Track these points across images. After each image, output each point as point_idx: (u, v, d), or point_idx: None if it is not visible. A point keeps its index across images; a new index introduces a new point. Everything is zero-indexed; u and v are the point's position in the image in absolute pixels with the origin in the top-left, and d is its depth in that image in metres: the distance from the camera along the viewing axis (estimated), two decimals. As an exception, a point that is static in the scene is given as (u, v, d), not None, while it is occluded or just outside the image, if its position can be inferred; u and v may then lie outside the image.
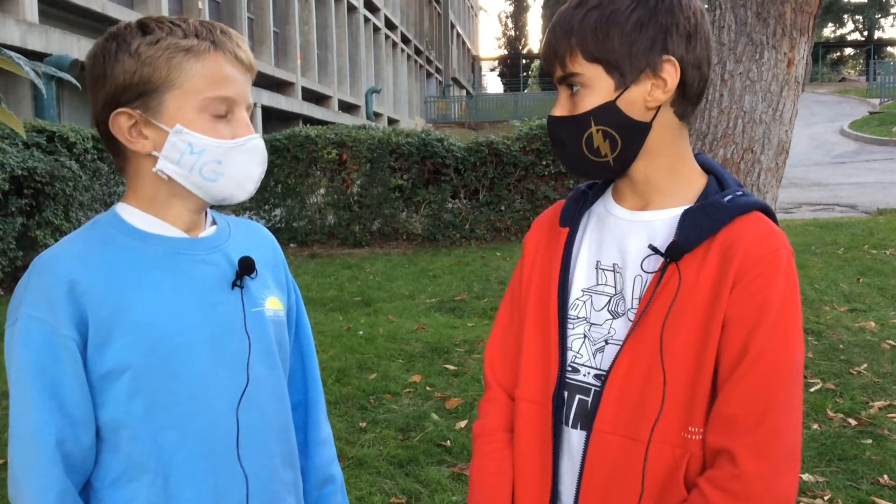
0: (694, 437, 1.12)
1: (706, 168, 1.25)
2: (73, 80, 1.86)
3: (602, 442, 1.17)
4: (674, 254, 1.13)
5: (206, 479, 1.18)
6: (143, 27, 1.16)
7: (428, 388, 4.45)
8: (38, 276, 1.14)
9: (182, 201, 1.22)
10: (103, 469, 1.17)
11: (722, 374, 1.11)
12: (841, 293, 6.25)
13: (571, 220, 1.28)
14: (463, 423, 3.88)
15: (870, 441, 3.50)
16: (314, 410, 1.45)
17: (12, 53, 1.54)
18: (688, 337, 1.12)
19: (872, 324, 5.34)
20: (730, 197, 1.16)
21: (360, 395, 4.34)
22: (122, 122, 1.17)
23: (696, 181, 1.22)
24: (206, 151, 1.16)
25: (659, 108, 1.17)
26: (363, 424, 3.92)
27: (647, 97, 1.16)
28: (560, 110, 1.21)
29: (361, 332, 5.67)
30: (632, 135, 1.17)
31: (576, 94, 1.18)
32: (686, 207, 1.18)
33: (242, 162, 1.19)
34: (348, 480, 3.28)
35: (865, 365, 4.53)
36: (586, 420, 1.20)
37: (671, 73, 1.14)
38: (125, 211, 1.22)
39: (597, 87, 1.16)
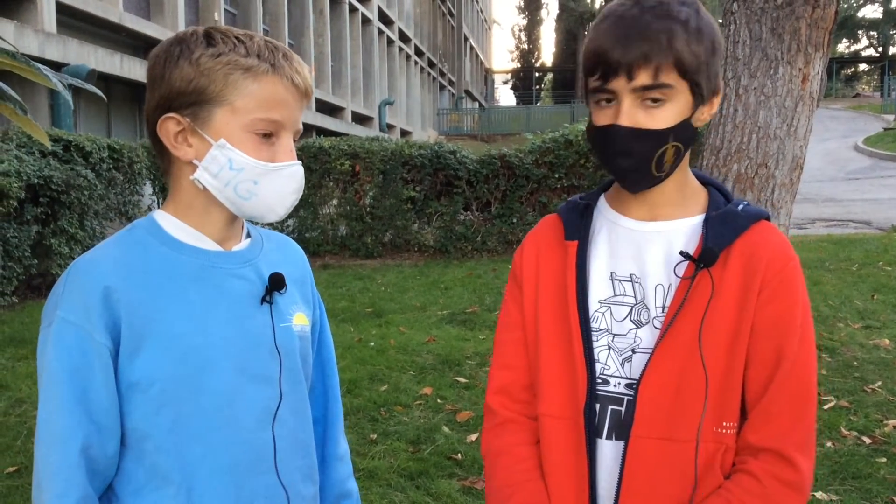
0: (727, 431, 1.18)
1: (701, 181, 1.30)
2: (98, 91, 1.87)
3: (640, 447, 1.18)
4: (707, 259, 1.17)
5: (229, 493, 1.19)
6: (209, 38, 1.17)
7: (439, 401, 4.44)
8: (76, 279, 1.14)
9: (217, 212, 1.22)
10: (127, 476, 1.17)
11: (759, 377, 1.17)
12: (855, 310, 6.20)
13: (578, 233, 1.28)
14: (474, 437, 3.87)
15: (884, 460, 3.47)
16: (333, 427, 1.45)
17: (40, 66, 1.56)
18: (719, 339, 1.17)
19: (887, 341, 5.30)
20: (741, 206, 1.23)
21: (371, 407, 4.33)
22: (169, 127, 1.18)
23: (700, 193, 1.27)
24: (245, 170, 1.17)
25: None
26: (374, 436, 3.92)
27: (700, 117, 1.20)
28: (629, 121, 1.14)
29: (373, 344, 5.67)
30: (687, 150, 1.21)
31: (657, 106, 1.15)
32: (701, 216, 1.23)
33: (278, 186, 1.20)
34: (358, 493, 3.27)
35: (880, 382, 4.49)
36: (622, 429, 1.20)
37: (719, 97, 1.21)
38: (163, 218, 1.23)
39: (680, 102, 1.16)
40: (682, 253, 1.19)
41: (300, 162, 1.23)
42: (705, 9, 1.19)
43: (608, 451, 1.21)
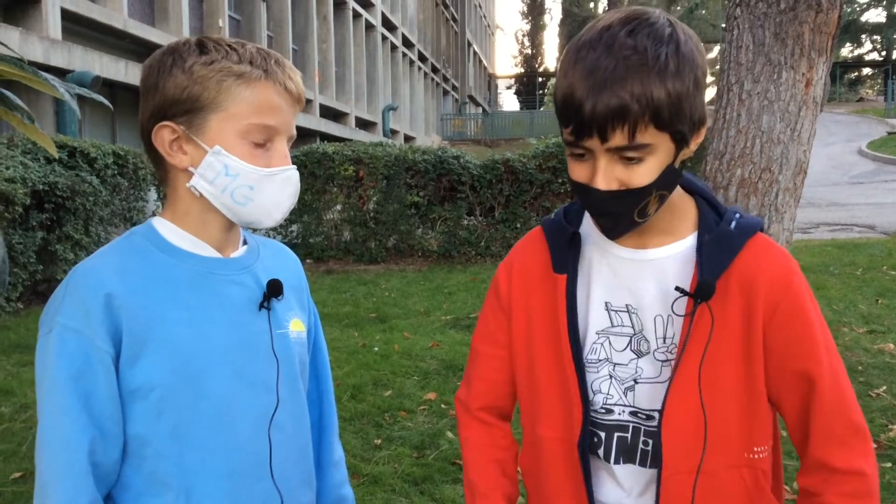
0: (761, 455, 1.19)
1: (687, 189, 1.23)
2: (103, 100, 1.88)
3: (675, 482, 1.18)
4: (704, 294, 1.13)
5: (227, 500, 1.20)
6: (202, 46, 1.18)
7: (443, 406, 4.44)
8: (76, 286, 1.14)
9: (214, 219, 1.23)
10: (126, 483, 1.18)
11: (795, 400, 1.17)
12: (859, 314, 6.19)
13: (566, 266, 1.24)
14: (478, 442, 3.86)
15: (889, 465, 3.46)
16: (328, 432, 1.46)
17: (48, 75, 1.57)
18: (730, 369, 1.16)
19: (891, 345, 5.29)
20: (734, 223, 1.18)
21: (375, 412, 4.34)
22: (164, 135, 1.19)
23: (688, 210, 1.22)
24: (240, 176, 1.18)
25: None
26: (378, 442, 3.92)
27: (686, 152, 1.13)
28: (607, 182, 1.07)
29: (377, 349, 5.67)
30: (673, 189, 1.14)
31: (636, 163, 1.07)
32: (693, 236, 1.19)
33: (274, 191, 1.20)
34: (363, 498, 3.27)
35: (884, 387, 4.48)
36: (630, 454, 1.21)
37: (706, 124, 1.12)
38: (161, 225, 1.24)
39: (661, 155, 1.08)
40: (677, 289, 1.14)
41: (295, 166, 1.24)
42: (687, 30, 1.10)
43: (622, 473, 1.22)
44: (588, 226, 1.27)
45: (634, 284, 1.20)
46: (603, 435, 1.21)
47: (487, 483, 1.32)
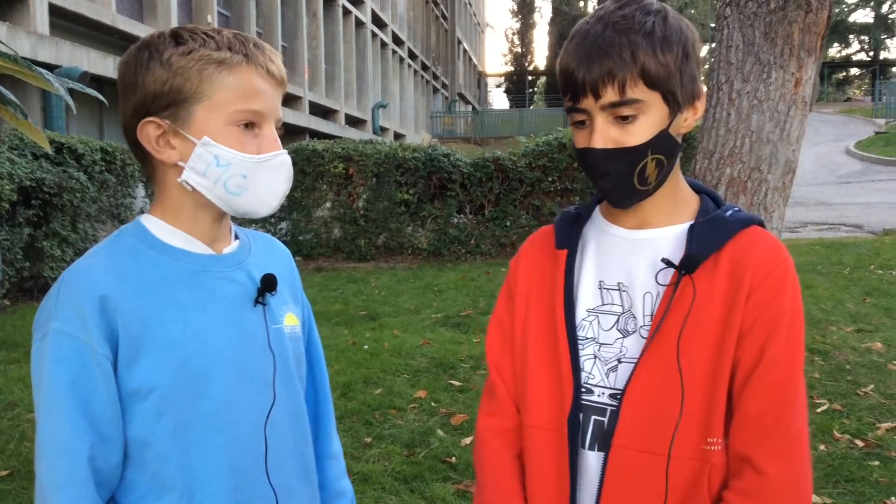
0: (714, 447, 1.15)
1: (695, 189, 1.29)
2: (98, 95, 1.87)
3: (621, 459, 1.17)
4: (689, 266, 1.15)
5: (229, 497, 1.19)
6: (177, 37, 1.16)
7: (433, 404, 4.44)
8: (69, 290, 1.12)
9: (207, 213, 1.22)
10: (129, 486, 1.17)
11: (739, 380, 1.14)
12: (847, 313, 6.23)
13: (569, 242, 1.28)
14: (468, 440, 3.87)
15: (877, 463, 3.48)
16: (324, 425, 1.46)
17: (42, 70, 1.56)
18: (703, 348, 1.15)
19: (879, 344, 5.32)
20: (731, 212, 1.21)
21: (366, 410, 4.33)
22: (150, 131, 1.17)
23: (692, 200, 1.26)
24: (232, 165, 1.16)
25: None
26: (368, 440, 3.91)
27: (682, 124, 1.19)
28: (603, 141, 1.14)
29: (367, 347, 5.66)
30: (673, 161, 1.19)
31: (630, 122, 1.13)
32: (690, 223, 1.22)
33: (268, 177, 1.18)
34: (353, 496, 3.26)
35: (872, 386, 4.51)
36: (604, 440, 1.20)
37: (702, 100, 1.18)
38: (151, 223, 1.22)
39: (654, 114, 1.14)
40: (663, 260, 1.18)
41: (286, 151, 1.22)
42: (678, 13, 1.18)
43: (591, 461, 1.21)
44: (595, 212, 1.31)
45: (628, 262, 1.23)
46: (581, 416, 1.21)
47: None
